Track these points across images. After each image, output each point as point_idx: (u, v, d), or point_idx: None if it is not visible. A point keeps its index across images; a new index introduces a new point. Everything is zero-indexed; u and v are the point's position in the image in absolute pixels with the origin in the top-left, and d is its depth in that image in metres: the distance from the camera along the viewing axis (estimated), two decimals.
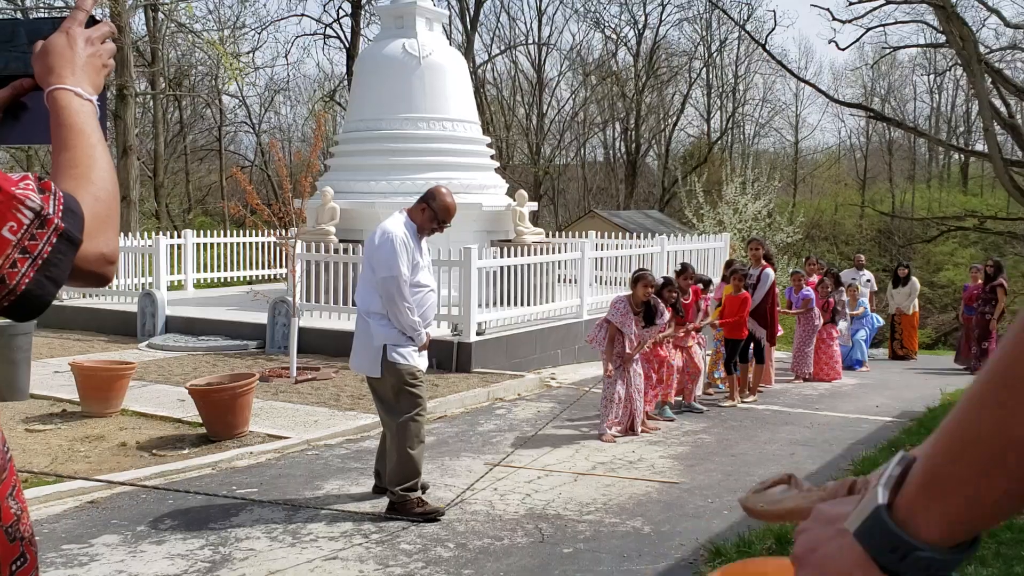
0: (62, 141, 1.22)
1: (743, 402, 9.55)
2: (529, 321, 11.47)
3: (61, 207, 1.14)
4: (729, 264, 10.48)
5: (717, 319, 9.58)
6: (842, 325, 12.20)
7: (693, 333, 8.96)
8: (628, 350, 7.66)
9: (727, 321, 9.49)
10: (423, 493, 5.60)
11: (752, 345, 9.82)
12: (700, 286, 9.22)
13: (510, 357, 10.77)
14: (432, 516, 5.39)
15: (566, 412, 8.74)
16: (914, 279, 15.38)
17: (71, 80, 1.26)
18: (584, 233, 16.88)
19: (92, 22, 1.35)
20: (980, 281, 13.82)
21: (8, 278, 1.08)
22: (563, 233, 18.96)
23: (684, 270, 8.94)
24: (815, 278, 12.10)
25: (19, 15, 23.63)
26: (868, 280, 14.97)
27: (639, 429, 7.86)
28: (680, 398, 8.97)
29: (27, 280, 1.10)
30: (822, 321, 11.54)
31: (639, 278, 7.62)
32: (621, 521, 5.43)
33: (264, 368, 9.87)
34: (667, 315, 8.01)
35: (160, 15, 25.73)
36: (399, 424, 5.42)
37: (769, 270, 10.08)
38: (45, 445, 6.94)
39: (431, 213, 5.64)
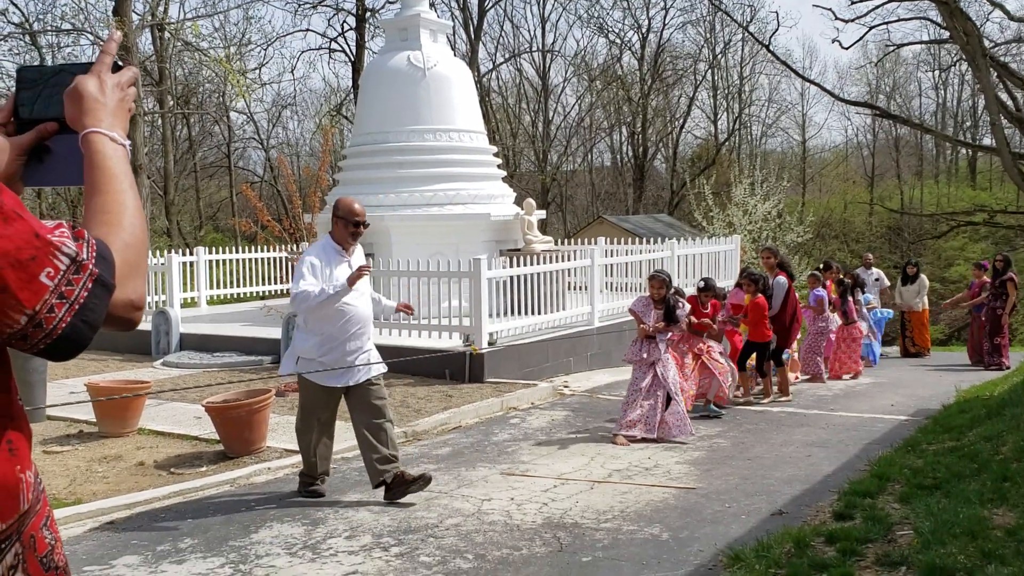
0: (95, 184, 1.25)
1: (766, 402, 9.77)
2: (540, 330, 11.48)
3: (94, 253, 1.17)
4: (743, 272, 10.73)
5: (739, 317, 9.84)
6: (862, 325, 12.34)
7: (705, 339, 9.07)
8: (648, 328, 7.97)
9: (752, 327, 9.78)
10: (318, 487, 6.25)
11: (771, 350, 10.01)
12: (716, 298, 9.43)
13: (522, 366, 10.78)
14: (313, 493, 6.19)
15: (580, 419, 8.75)
16: (923, 276, 15.38)
17: (106, 124, 1.29)
18: (593, 239, 16.88)
19: (116, 68, 1.38)
20: (985, 278, 13.85)
21: (46, 322, 1.11)
22: (572, 240, 18.96)
23: (707, 288, 9.13)
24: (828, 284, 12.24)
25: (27, 38, 23.85)
26: (877, 279, 14.97)
27: (683, 434, 7.90)
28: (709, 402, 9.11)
29: (64, 324, 1.13)
30: (837, 322, 11.79)
31: (650, 278, 8.31)
32: (639, 528, 5.43)
33: (279, 383, 9.91)
34: (686, 311, 8.28)
35: (167, 34, 25.93)
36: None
37: (781, 278, 10.19)
38: (63, 467, 6.99)
39: (341, 222, 5.98)
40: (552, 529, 5.44)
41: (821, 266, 13.12)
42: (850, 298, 12.04)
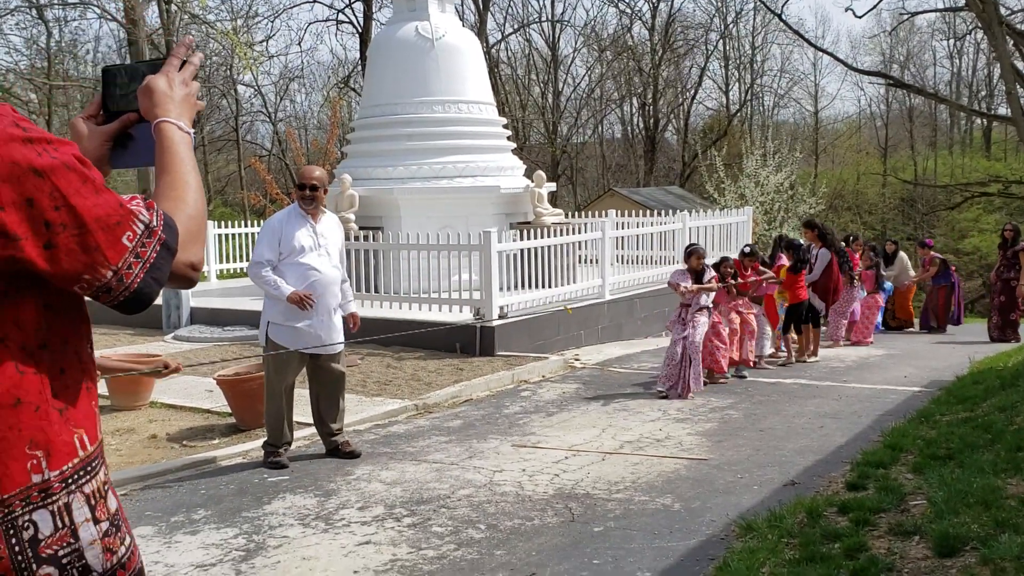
0: (164, 165, 1.51)
1: (807, 360, 10.65)
2: (551, 303, 11.45)
3: (162, 222, 1.42)
4: (781, 240, 11.97)
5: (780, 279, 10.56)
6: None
7: (746, 300, 9.80)
8: (689, 290, 8.67)
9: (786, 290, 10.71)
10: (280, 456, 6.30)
11: (810, 312, 10.92)
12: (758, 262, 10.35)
13: (533, 339, 10.77)
14: (275, 464, 6.21)
15: (591, 392, 8.75)
16: (901, 253, 15.35)
17: (174, 115, 1.55)
18: (604, 212, 16.81)
19: (181, 64, 1.64)
20: (934, 253, 14.76)
21: (125, 277, 1.37)
22: (583, 213, 18.89)
23: (752, 253, 10.12)
24: (857, 254, 13.03)
25: (34, 12, 23.76)
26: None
27: (687, 392, 8.42)
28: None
29: (138, 280, 1.38)
30: (864, 292, 12.67)
31: (691, 252, 8.90)
32: (651, 499, 5.43)
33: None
34: (712, 273, 8.96)
35: (173, 7, 25.77)
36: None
37: (824, 250, 11.29)
38: None
39: (297, 190, 6.25)
40: (564, 500, 5.45)
41: (850, 238, 13.72)
42: (872, 270, 12.96)
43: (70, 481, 1.37)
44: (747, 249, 10.21)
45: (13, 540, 1.31)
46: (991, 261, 16.51)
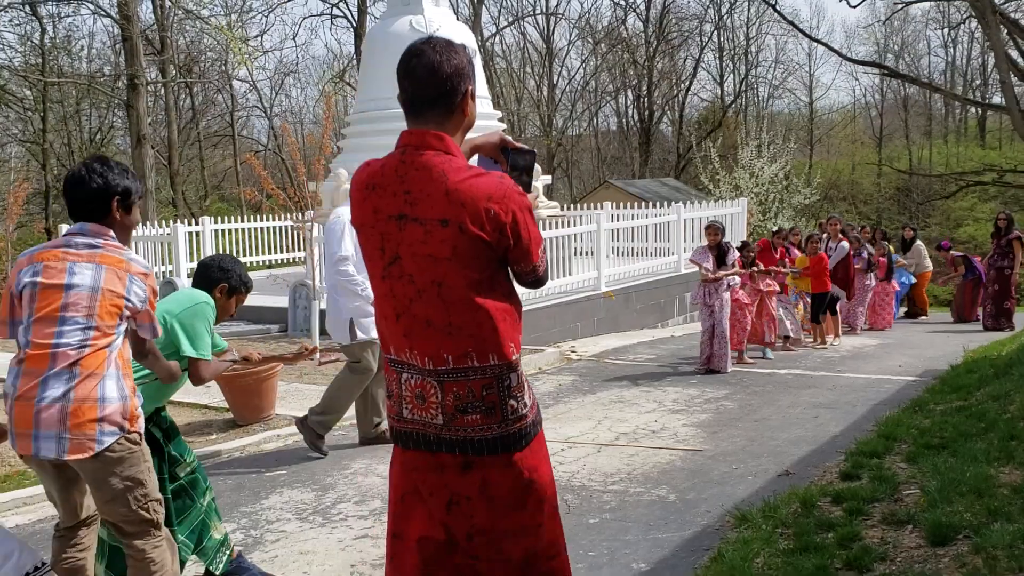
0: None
1: (830, 345, 11.28)
2: (547, 296, 11.48)
3: (544, 247, 2.59)
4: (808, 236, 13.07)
5: (799, 269, 11.16)
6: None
7: (770, 282, 10.38)
8: (710, 275, 9.15)
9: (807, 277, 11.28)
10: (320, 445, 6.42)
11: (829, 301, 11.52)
12: (784, 247, 11.09)
13: (529, 332, 10.79)
14: (317, 449, 6.34)
15: (587, 384, 8.78)
16: (919, 242, 15.42)
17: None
18: (599, 204, 16.83)
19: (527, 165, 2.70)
20: (955, 252, 15.10)
21: (538, 269, 2.54)
22: (578, 205, 18.90)
23: (779, 232, 11.12)
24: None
25: (28, 8, 23.69)
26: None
27: (724, 367, 9.11)
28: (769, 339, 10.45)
29: (542, 272, 2.57)
30: (874, 280, 13.25)
31: (706, 227, 9.46)
32: (646, 490, 5.46)
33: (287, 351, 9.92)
34: (736, 254, 9.41)
35: (167, 2, 25.70)
36: (344, 376, 6.33)
37: (844, 243, 12.06)
38: None
39: None
40: (560, 491, 5.46)
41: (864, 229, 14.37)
42: (884, 258, 13.57)
43: (520, 363, 2.53)
44: (775, 228, 11.26)
45: (501, 386, 2.46)
46: (986, 250, 16.56)
